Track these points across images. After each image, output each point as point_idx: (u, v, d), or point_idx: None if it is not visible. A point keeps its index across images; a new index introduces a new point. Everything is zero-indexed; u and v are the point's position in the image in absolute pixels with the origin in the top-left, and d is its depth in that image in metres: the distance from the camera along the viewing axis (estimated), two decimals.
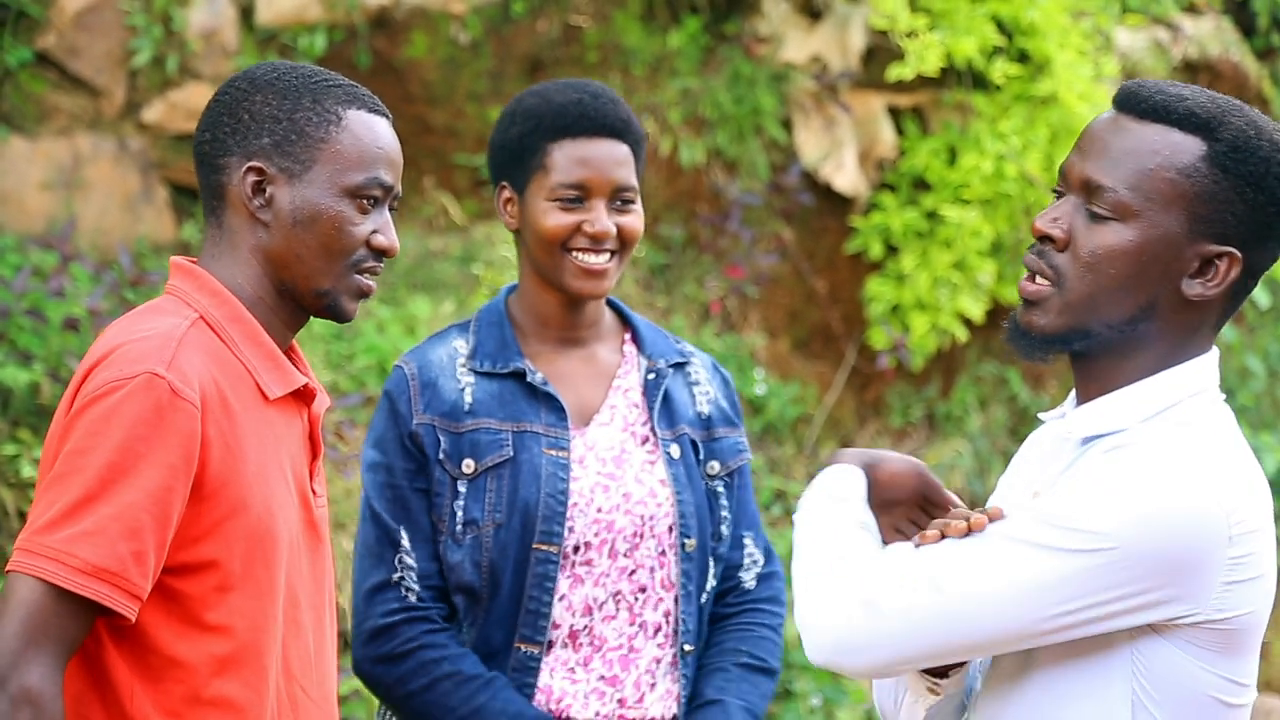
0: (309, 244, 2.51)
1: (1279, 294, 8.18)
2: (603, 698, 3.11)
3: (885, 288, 6.85)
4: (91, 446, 2.33)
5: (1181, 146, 2.31)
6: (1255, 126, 2.32)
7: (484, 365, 3.14)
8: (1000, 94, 6.84)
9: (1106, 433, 2.34)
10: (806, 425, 6.89)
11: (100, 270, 5.71)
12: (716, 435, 3.24)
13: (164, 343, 2.39)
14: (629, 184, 3.14)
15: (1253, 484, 2.31)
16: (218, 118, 2.55)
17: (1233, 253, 2.31)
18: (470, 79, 6.69)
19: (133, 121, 6.32)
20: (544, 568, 3.07)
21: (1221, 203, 2.31)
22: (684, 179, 6.75)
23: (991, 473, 7.03)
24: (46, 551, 2.30)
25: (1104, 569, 2.22)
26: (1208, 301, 2.33)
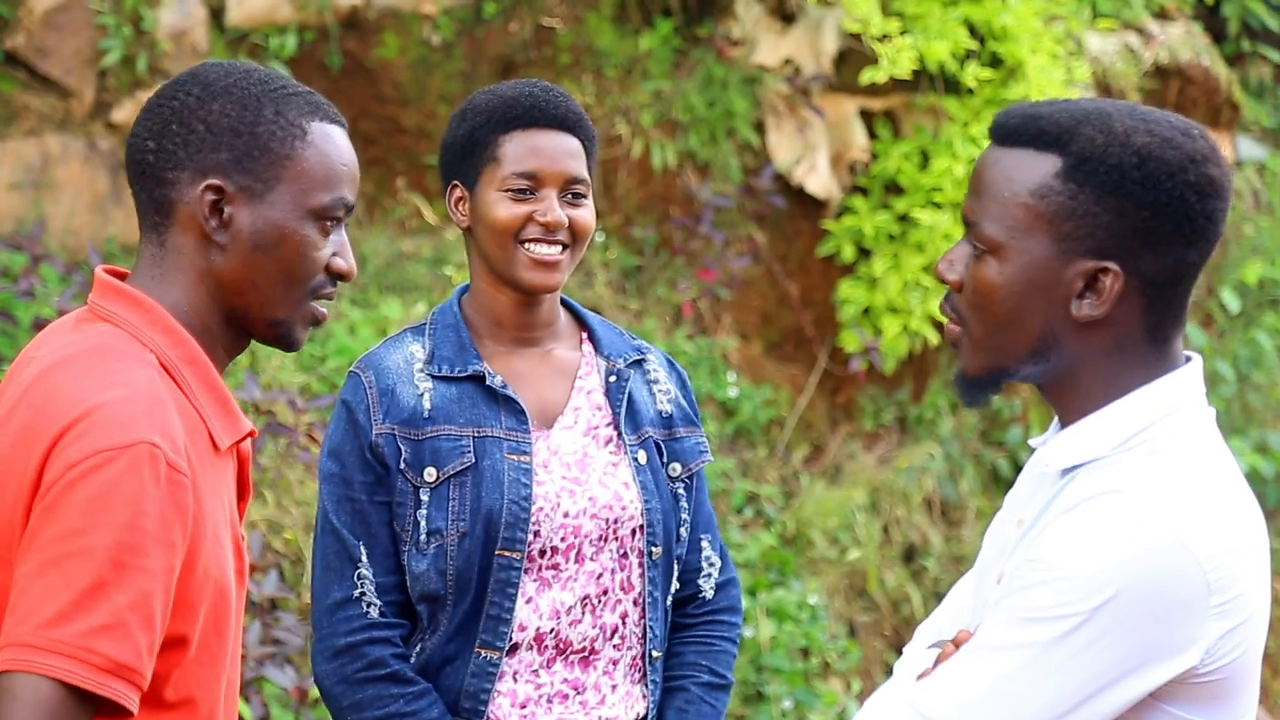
0: (268, 270, 2.30)
1: (1248, 298, 8.20)
2: (566, 700, 3.09)
3: (857, 291, 6.85)
4: (91, 527, 2.09)
5: (1034, 167, 2.24)
6: (1107, 132, 2.22)
7: (442, 369, 3.10)
8: (972, 98, 6.85)
9: (1081, 463, 2.28)
10: (779, 428, 6.88)
11: (70, 271, 5.67)
12: (678, 435, 3.22)
13: (150, 405, 2.17)
14: (581, 176, 3.11)
15: (1231, 515, 2.23)
16: (164, 125, 2.29)
17: (1110, 266, 2.22)
18: (442, 80, 6.68)
19: (102, 122, 6.29)
20: (507, 574, 3.04)
21: (1084, 216, 2.22)
22: (656, 181, 6.74)
23: (963, 476, 7.03)
24: (62, 649, 2.06)
25: (1084, 649, 2.16)
26: (1113, 320, 2.25)
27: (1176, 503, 2.19)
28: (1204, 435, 2.29)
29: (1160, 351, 2.28)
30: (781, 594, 6.17)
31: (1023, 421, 7.29)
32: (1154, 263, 2.23)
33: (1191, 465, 2.24)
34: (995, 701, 2.18)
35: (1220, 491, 2.24)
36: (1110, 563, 2.16)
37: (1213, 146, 2.26)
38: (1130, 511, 2.18)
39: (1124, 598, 2.15)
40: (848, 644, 6.35)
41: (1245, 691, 2.26)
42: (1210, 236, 2.25)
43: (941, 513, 6.99)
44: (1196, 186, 2.22)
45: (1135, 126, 2.24)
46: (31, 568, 2.10)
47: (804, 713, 6.09)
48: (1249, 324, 8.14)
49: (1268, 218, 8.42)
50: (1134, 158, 2.22)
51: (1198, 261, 2.25)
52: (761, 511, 6.55)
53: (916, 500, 6.86)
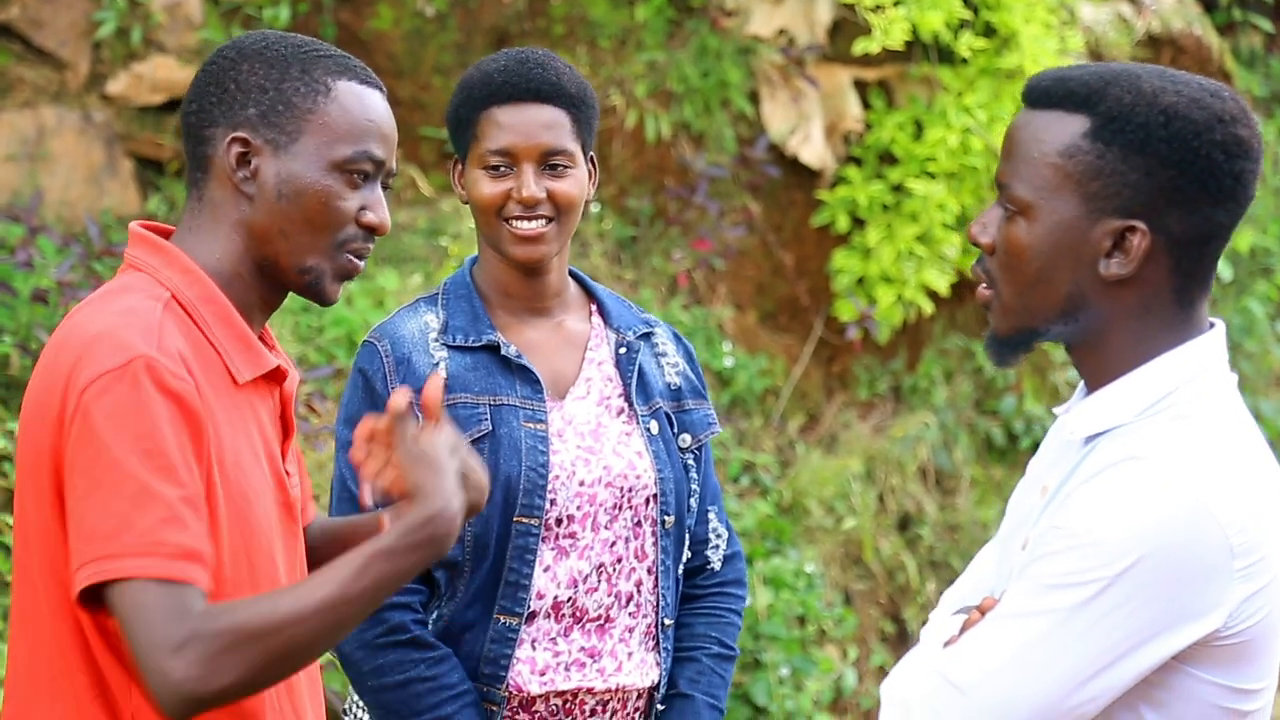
0: (293, 218, 2.41)
1: (1240, 266, 8.22)
2: (583, 668, 3.12)
3: (851, 261, 6.86)
4: (116, 441, 2.21)
5: (1063, 128, 2.27)
6: (1135, 92, 2.24)
7: (456, 339, 3.12)
8: (966, 68, 6.85)
9: (1105, 430, 2.29)
10: (774, 398, 6.90)
11: (67, 242, 5.68)
12: (686, 407, 3.24)
13: (145, 326, 2.29)
14: (558, 147, 3.10)
15: (1254, 479, 2.24)
16: (204, 88, 2.45)
17: (1137, 225, 2.24)
18: (436, 51, 6.68)
19: (97, 94, 6.29)
20: (525, 540, 3.06)
21: (1111, 176, 2.24)
22: (651, 152, 6.75)
23: (957, 445, 7.06)
24: (130, 551, 2.19)
25: (1107, 614, 2.17)
26: (1141, 280, 2.27)
27: (1200, 467, 2.20)
28: (1228, 401, 2.30)
29: (1186, 315, 2.28)
30: (778, 562, 6.19)
31: (1016, 391, 7.31)
32: (1181, 222, 2.24)
33: (1215, 430, 2.25)
34: (1020, 668, 2.19)
35: (1243, 456, 2.25)
36: (1133, 528, 2.16)
37: (1243, 108, 2.26)
38: (1154, 477, 2.19)
39: (1147, 563, 2.16)
40: (844, 612, 6.38)
41: (1269, 653, 2.27)
42: (1239, 198, 2.25)
43: (936, 481, 7.01)
44: (1224, 145, 2.23)
45: (1164, 87, 2.25)
46: (79, 494, 2.22)
47: (801, 680, 6.12)
48: (1241, 292, 8.16)
49: (1259, 186, 8.43)
50: (1161, 116, 2.23)
51: (1226, 223, 2.26)
52: (758, 481, 6.58)
53: (911, 469, 6.89)
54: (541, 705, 3.10)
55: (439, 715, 3.03)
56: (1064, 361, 7.42)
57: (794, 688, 6.09)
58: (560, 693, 3.10)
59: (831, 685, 6.27)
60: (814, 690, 6.14)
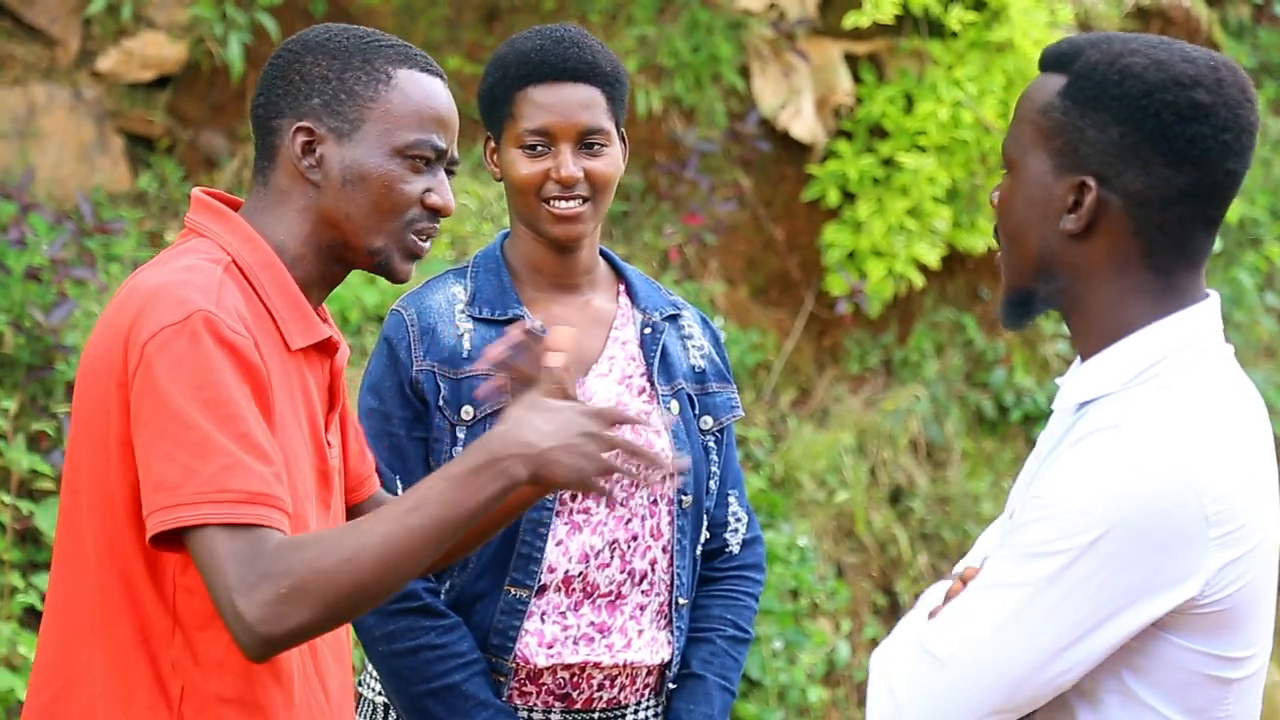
0: (359, 203, 2.50)
1: (1229, 237, 8.25)
2: (591, 643, 3.13)
3: (842, 235, 6.87)
4: (174, 394, 2.29)
5: (1046, 87, 2.32)
6: (1110, 54, 2.28)
7: (483, 312, 3.14)
8: (956, 41, 6.86)
9: (1094, 397, 2.31)
10: (765, 372, 6.92)
11: (59, 219, 5.67)
12: (710, 390, 3.25)
13: (205, 283, 2.38)
14: (595, 126, 3.11)
15: (1238, 447, 2.25)
16: (271, 81, 2.54)
17: (1087, 180, 2.27)
18: (426, 27, 6.67)
19: (87, 70, 6.28)
20: (539, 514, 3.08)
21: (1072, 132, 2.28)
22: (642, 127, 6.75)
23: (948, 418, 7.08)
24: (195, 499, 2.27)
25: (1083, 583, 2.18)
26: (1102, 237, 2.29)
27: (1178, 436, 2.21)
28: (1219, 370, 2.30)
29: (1165, 284, 2.29)
30: (771, 536, 6.22)
31: (1007, 363, 7.33)
32: (1136, 182, 2.26)
33: (1199, 399, 2.25)
34: (998, 639, 2.21)
35: (1228, 425, 2.26)
36: (1105, 496, 2.18)
37: (1215, 75, 2.26)
38: (1129, 445, 2.20)
39: (1119, 531, 2.17)
40: (836, 585, 6.40)
41: (1252, 621, 2.28)
42: (1199, 162, 2.25)
43: (927, 454, 7.03)
44: (1175, 107, 2.24)
45: (1135, 49, 2.28)
46: (144, 445, 2.31)
47: (794, 653, 6.15)
48: (1230, 263, 8.19)
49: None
50: (1116, 74, 2.26)
51: (1191, 190, 2.26)
52: (750, 455, 6.59)
53: (903, 442, 6.91)
54: (549, 678, 3.12)
55: (448, 683, 3.05)
56: (1054, 334, 7.44)
57: (787, 661, 6.11)
58: (567, 666, 3.12)
59: (824, 658, 6.30)
60: (807, 663, 6.17)
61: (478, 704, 3.05)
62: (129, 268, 5.75)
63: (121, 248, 5.81)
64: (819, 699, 6.19)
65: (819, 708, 6.26)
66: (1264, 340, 8.10)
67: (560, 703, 3.14)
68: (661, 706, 3.23)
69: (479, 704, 3.05)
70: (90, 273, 5.41)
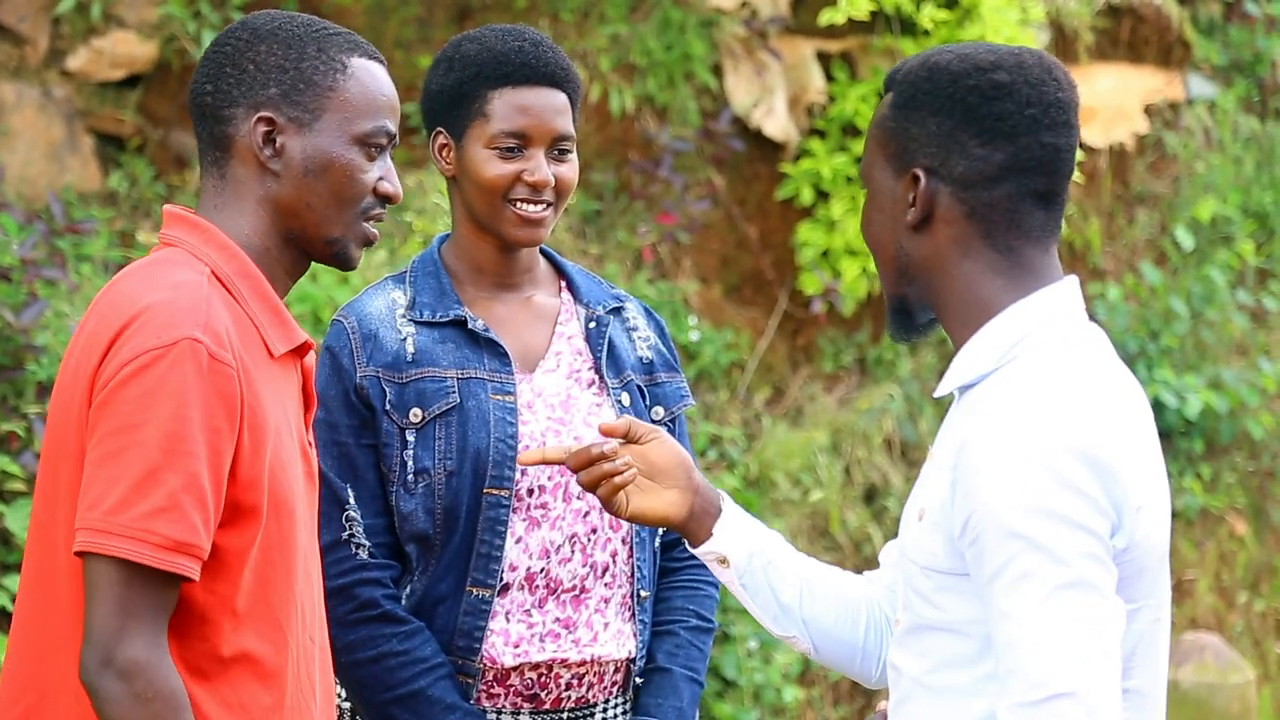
0: (320, 192, 2.52)
1: (1201, 235, 8.26)
2: (558, 640, 3.12)
3: (816, 233, 6.87)
4: (143, 420, 2.32)
5: (881, 105, 2.49)
6: (922, 58, 2.45)
7: (423, 315, 3.13)
8: (929, 40, 6.86)
9: (969, 382, 2.41)
10: (739, 371, 6.91)
11: (30, 219, 5.64)
12: (659, 380, 3.26)
13: (194, 303, 2.39)
14: (568, 133, 3.14)
15: (1110, 411, 2.33)
16: (219, 69, 2.53)
17: (915, 171, 2.42)
18: (397, 26, 6.65)
19: (57, 69, 6.24)
20: (496, 512, 3.07)
21: (900, 134, 2.44)
22: (615, 126, 6.74)
23: (922, 416, 7.08)
24: (124, 531, 2.30)
25: (1065, 570, 2.25)
26: (941, 222, 2.41)
27: (1040, 412, 2.30)
28: (1080, 345, 2.40)
29: (1013, 262, 2.41)
30: None
31: None
32: (959, 166, 2.41)
33: (1056, 372, 2.35)
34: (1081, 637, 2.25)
35: (1084, 390, 2.34)
36: (1023, 500, 2.26)
37: (1017, 59, 2.43)
38: (1016, 447, 2.28)
39: (1047, 521, 2.25)
40: None
41: (1146, 578, 2.36)
42: (1010, 137, 2.40)
43: (901, 453, 7.04)
44: (979, 89, 2.40)
45: (946, 50, 2.46)
46: (95, 458, 2.34)
47: (769, 652, 6.14)
48: (1202, 261, 8.20)
49: (1219, 155, 8.47)
50: (925, 71, 2.44)
51: (1010, 165, 2.40)
52: (725, 454, 6.59)
53: (877, 441, 6.91)
54: (516, 678, 3.11)
55: (413, 689, 3.04)
56: None
57: (763, 660, 6.11)
58: (535, 665, 3.11)
59: (800, 658, 6.30)
60: (782, 663, 6.17)
61: (444, 708, 3.04)
62: (100, 267, 5.72)
63: (92, 247, 5.78)
64: (794, 698, 6.19)
65: (794, 707, 6.25)
66: (1236, 338, 8.12)
67: (529, 703, 3.13)
68: (629, 703, 3.22)
69: (446, 708, 3.04)
70: (61, 273, 5.38)
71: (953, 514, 2.33)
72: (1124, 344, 7.59)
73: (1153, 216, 8.23)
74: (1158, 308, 7.85)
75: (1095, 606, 2.25)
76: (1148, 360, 7.67)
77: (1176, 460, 7.70)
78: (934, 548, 2.37)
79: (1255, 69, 8.79)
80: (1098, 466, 2.28)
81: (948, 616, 2.38)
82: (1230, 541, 7.82)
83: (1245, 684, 6.47)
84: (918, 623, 2.42)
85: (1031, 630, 2.25)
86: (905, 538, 2.46)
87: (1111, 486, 2.28)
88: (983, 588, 2.31)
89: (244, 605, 2.42)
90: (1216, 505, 7.77)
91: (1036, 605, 2.25)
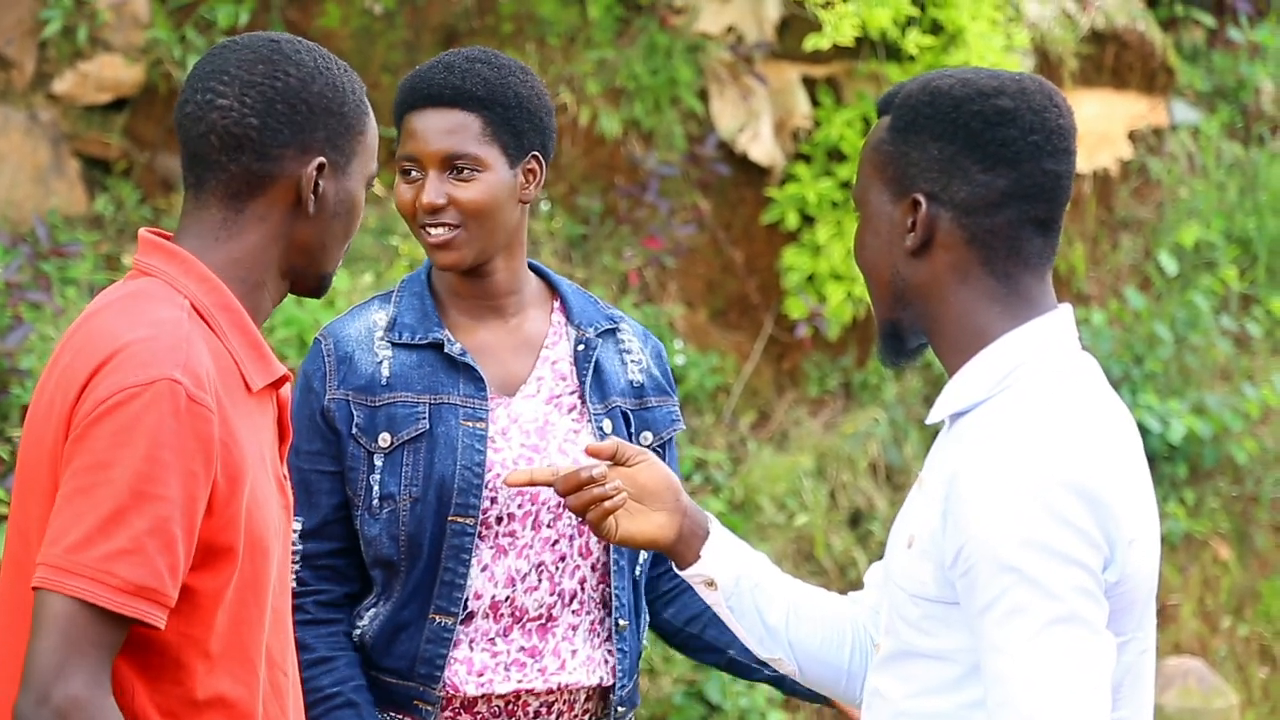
0: (337, 232, 2.52)
1: (1185, 261, 8.28)
2: (523, 669, 3.10)
3: (801, 258, 6.88)
4: (115, 459, 2.26)
5: (877, 129, 2.47)
6: (921, 82, 2.43)
7: (402, 337, 3.11)
8: (914, 64, 6.88)
9: (962, 409, 2.40)
10: (725, 395, 6.92)
11: (15, 242, 5.64)
12: (649, 404, 3.22)
13: (174, 342, 2.33)
14: (461, 152, 3.05)
15: (1103, 444, 2.33)
16: (269, 104, 2.45)
17: (917, 196, 2.40)
18: (385, 50, 6.66)
19: (43, 93, 6.24)
20: (460, 540, 3.05)
21: (899, 158, 2.42)
22: (601, 150, 6.75)
23: (907, 441, 7.08)
24: (84, 571, 2.25)
25: (1049, 593, 2.25)
26: (941, 248, 2.40)
27: (1043, 430, 2.30)
28: (1073, 374, 2.39)
29: (1010, 290, 2.41)
30: None
31: None
32: (960, 191, 2.39)
33: (1060, 400, 2.34)
34: (1063, 687, 2.25)
35: (1090, 426, 2.34)
36: (1016, 533, 2.25)
37: (1019, 85, 2.41)
38: (1010, 478, 2.28)
39: (1035, 554, 2.25)
40: None
41: (1136, 610, 2.36)
42: (1013, 163, 2.38)
43: (887, 477, 7.04)
44: (983, 115, 2.38)
45: (946, 75, 2.44)
46: (64, 494, 2.28)
47: None
48: (1186, 286, 8.22)
49: (1202, 181, 8.50)
50: (927, 96, 2.41)
51: (1012, 192, 2.39)
52: (710, 478, 6.59)
53: (862, 465, 6.91)
54: (483, 706, 3.09)
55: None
56: None
57: (747, 685, 6.10)
58: (501, 695, 3.09)
59: None
60: (767, 687, 6.15)
61: None
62: (85, 291, 5.72)
63: (78, 271, 5.77)
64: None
65: None
66: (1220, 363, 8.13)
67: None
68: None
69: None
70: (46, 296, 5.38)
71: (944, 543, 2.33)
72: (1108, 369, 7.60)
73: (1137, 242, 8.25)
74: (1141, 333, 7.87)
75: (1086, 642, 2.25)
76: (1131, 385, 7.69)
77: (1160, 485, 7.71)
78: (923, 576, 2.37)
79: (1239, 95, 8.82)
80: (1091, 500, 2.27)
81: (934, 643, 2.38)
82: (1214, 566, 7.82)
83: (1229, 709, 6.47)
84: (902, 648, 2.42)
85: (1023, 664, 2.25)
86: (892, 564, 2.46)
87: (1104, 520, 2.27)
88: (973, 619, 2.30)
89: (217, 647, 2.37)
90: (1200, 530, 7.78)
91: (1028, 640, 2.24)
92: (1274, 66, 8.88)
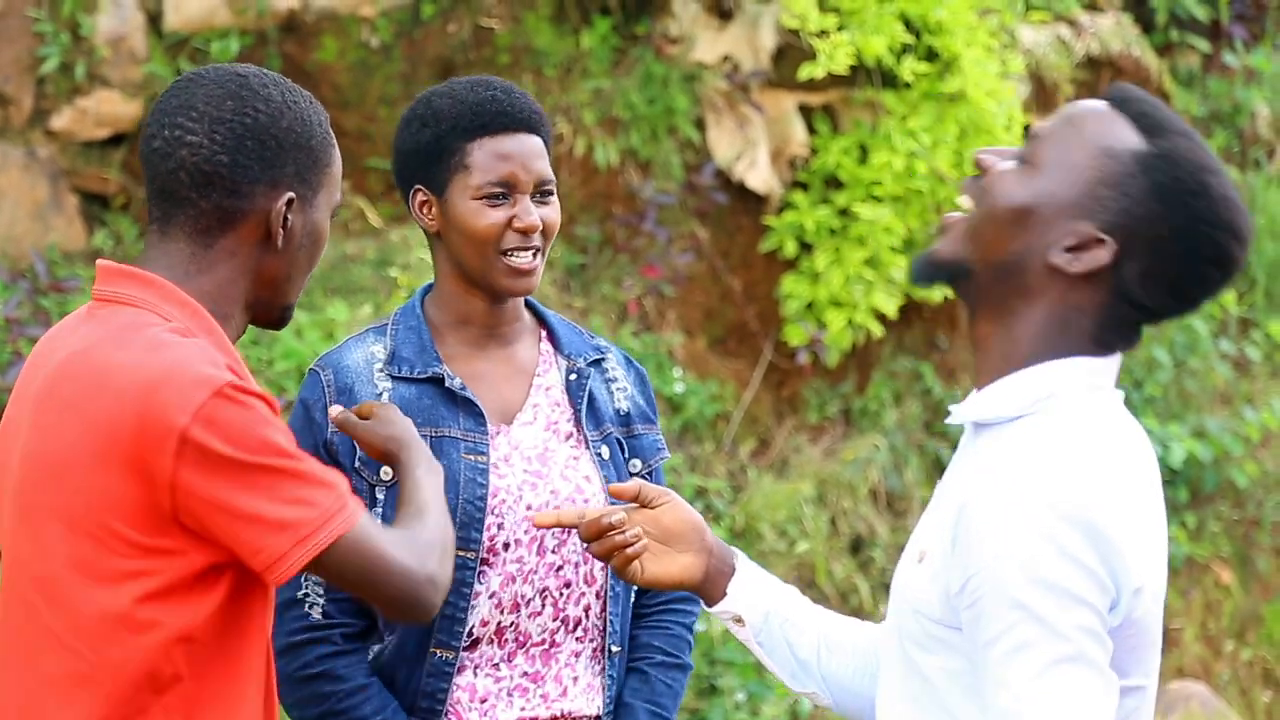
0: (301, 264, 2.55)
1: None
2: (526, 694, 3.10)
3: (800, 285, 6.89)
4: (248, 452, 2.36)
5: (1120, 134, 2.33)
6: (1196, 162, 2.32)
7: (402, 370, 3.11)
8: (909, 92, 6.90)
9: (987, 421, 2.37)
10: (725, 423, 6.92)
11: (14, 279, 5.65)
12: (636, 433, 3.23)
13: (200, 352, 2.39)
14: (549, 176, 3.12)
15: (1122, 489, 2.31)
16: (239, 141, 2.46)
17: (1109, 242, 2.31)
18: (381, 82, 6.68)
19: (41, 129, 6.26)
20: (461, 574, 3.04)
21: (1124, 199, 2.31)
22: (599, 180, 6.76)
23: (908, 467, 7.09)
24: (320, 523, 2.39)
25: (1057, 628, 2.24)
26: (1075, 289, 2.33)
27: (1067, 464, 2.27)
28: (1109, 412, 2.36)
29: (1092, 339, 2.35)
30: None
31: None
32: (1140, 282, 2.32)
33: (1087, 434, 2.32)
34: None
35: (1115, 465, 2.32)
36: (1017, 573, 2.24)
37: (1250, 229, 2.34)
38: (1034, 512, 2.26)
39: (1043, 592, 2.23)
40: None
41: (1139, 654, 2.34)
42: (1194, 298, 2.34)
43: (887, 503, 7.04)
44: (1217, 248, 2.31)
45: (1215, 169, 2.31)
46: (238, 507, 2.37)
47: (757, 705, 6.13)
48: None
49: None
50: (1196, 186, 2.30)
51: (1171, 310, 2.34)
52: (710, 506, 6.59)
53: (863, 491, 6.91)
54: None
55: None
56: None
57: (750, 713, 6.09)
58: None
59: (788, 710, 6.28)
60: (770, 715, 6.15)
61: None
62: None
63: (77, 306, 5.78)
64: None
65: None
66: (1219, 387, 8.14)
67: None
68: None
69: None
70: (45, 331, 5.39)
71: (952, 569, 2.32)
72: None
73: None
74: (1141, 356, 7.88)
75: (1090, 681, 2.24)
76: (1132, 409, 7.68)
77: None
78: (929, 595, 2.36)
79: (1235, 120, 8.84)
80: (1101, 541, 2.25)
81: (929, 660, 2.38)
82: (1216, 590, 7.82)
83: None
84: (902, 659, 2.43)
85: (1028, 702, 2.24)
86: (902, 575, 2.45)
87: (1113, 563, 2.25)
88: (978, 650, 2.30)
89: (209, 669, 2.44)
90: (1202, 554, 7.77)
91: (1034, 677, 2.24)
92: (1269, 91, 8.90)
